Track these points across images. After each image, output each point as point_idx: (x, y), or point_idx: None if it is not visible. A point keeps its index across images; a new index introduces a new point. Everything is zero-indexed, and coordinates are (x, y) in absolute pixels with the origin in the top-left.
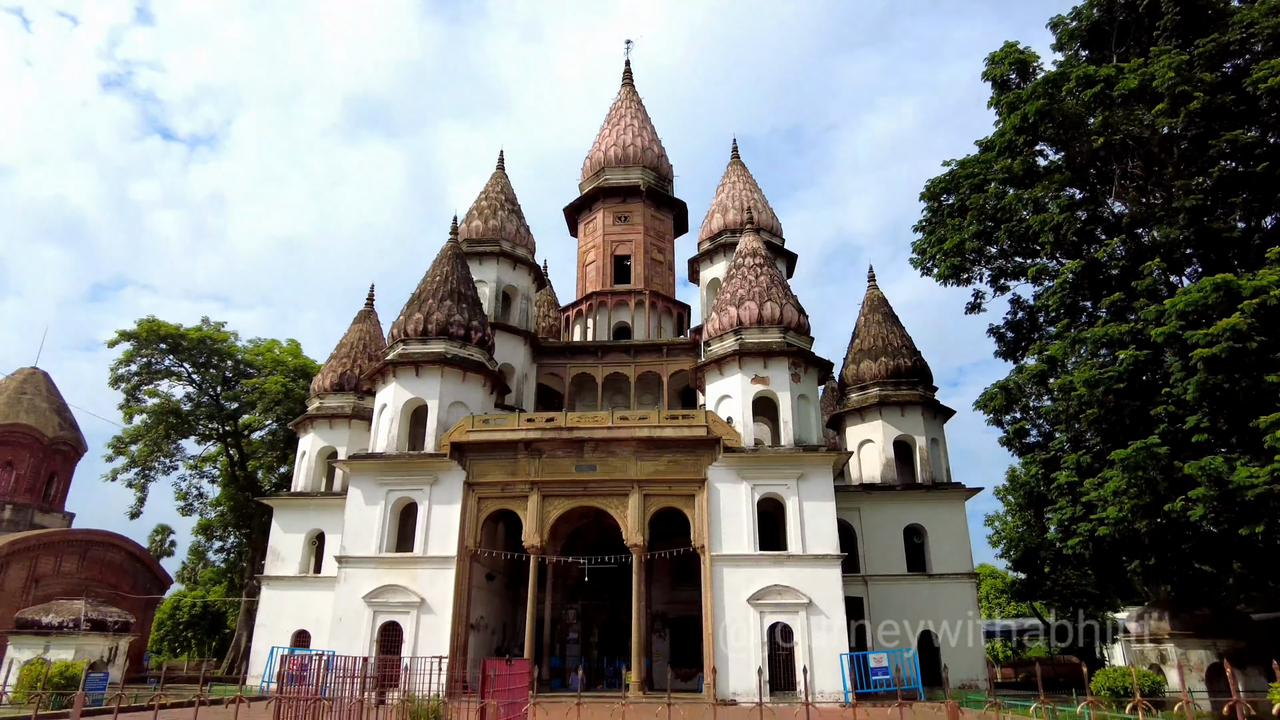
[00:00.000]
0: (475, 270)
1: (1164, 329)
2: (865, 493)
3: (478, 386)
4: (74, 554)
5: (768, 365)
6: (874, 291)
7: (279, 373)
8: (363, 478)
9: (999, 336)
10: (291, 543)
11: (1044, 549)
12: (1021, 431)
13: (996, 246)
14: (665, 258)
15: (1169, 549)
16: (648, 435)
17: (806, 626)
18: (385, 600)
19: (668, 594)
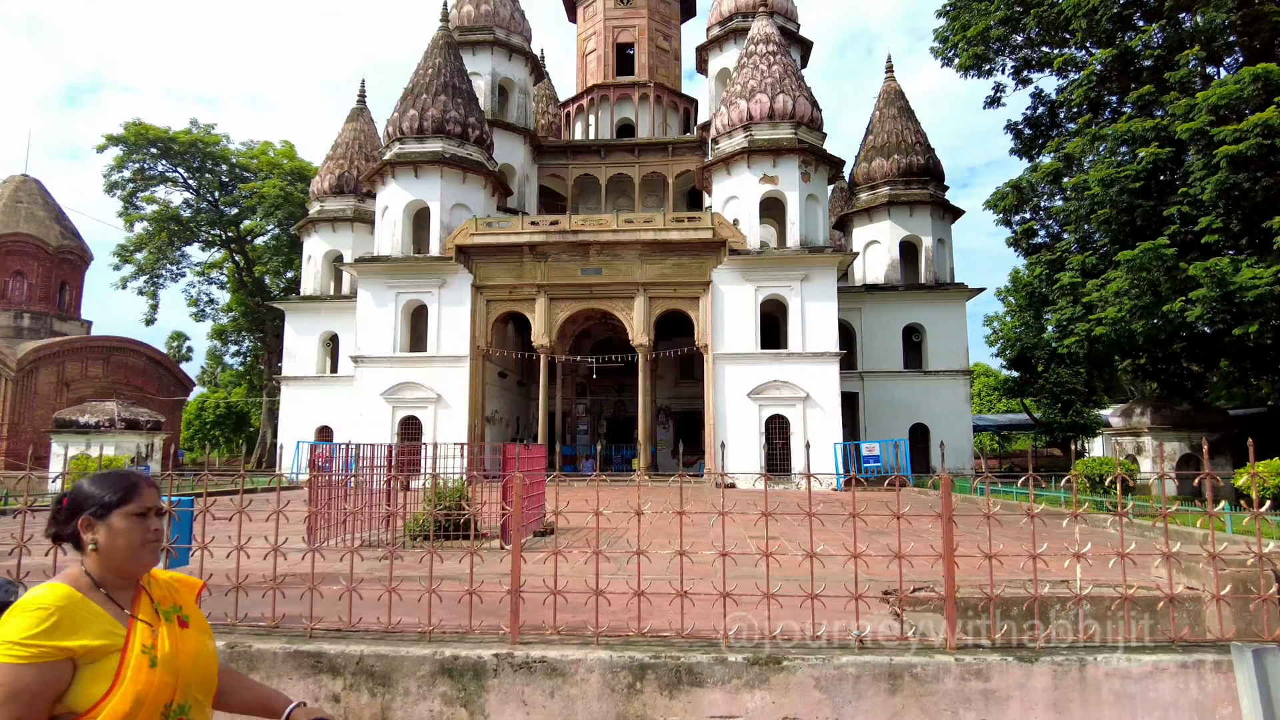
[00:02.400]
0: (469, 62)
1: (1192, 124)
2: (867, 293)
3: (479, 188)
4: (98, 359)
5: (777, 164)
6: (891, 84)
7: (275, 176)
8: (371, 280)
9: (1016, 133)
10: (306, 344)
11: (1039, 349)
12: (1030, 232)
13: (1023, 34)
14: (671, 46)
15: (1161, 349)
16: (653, 238)
17: (803, 418)
18: (403, 396)
19: (671, 389)
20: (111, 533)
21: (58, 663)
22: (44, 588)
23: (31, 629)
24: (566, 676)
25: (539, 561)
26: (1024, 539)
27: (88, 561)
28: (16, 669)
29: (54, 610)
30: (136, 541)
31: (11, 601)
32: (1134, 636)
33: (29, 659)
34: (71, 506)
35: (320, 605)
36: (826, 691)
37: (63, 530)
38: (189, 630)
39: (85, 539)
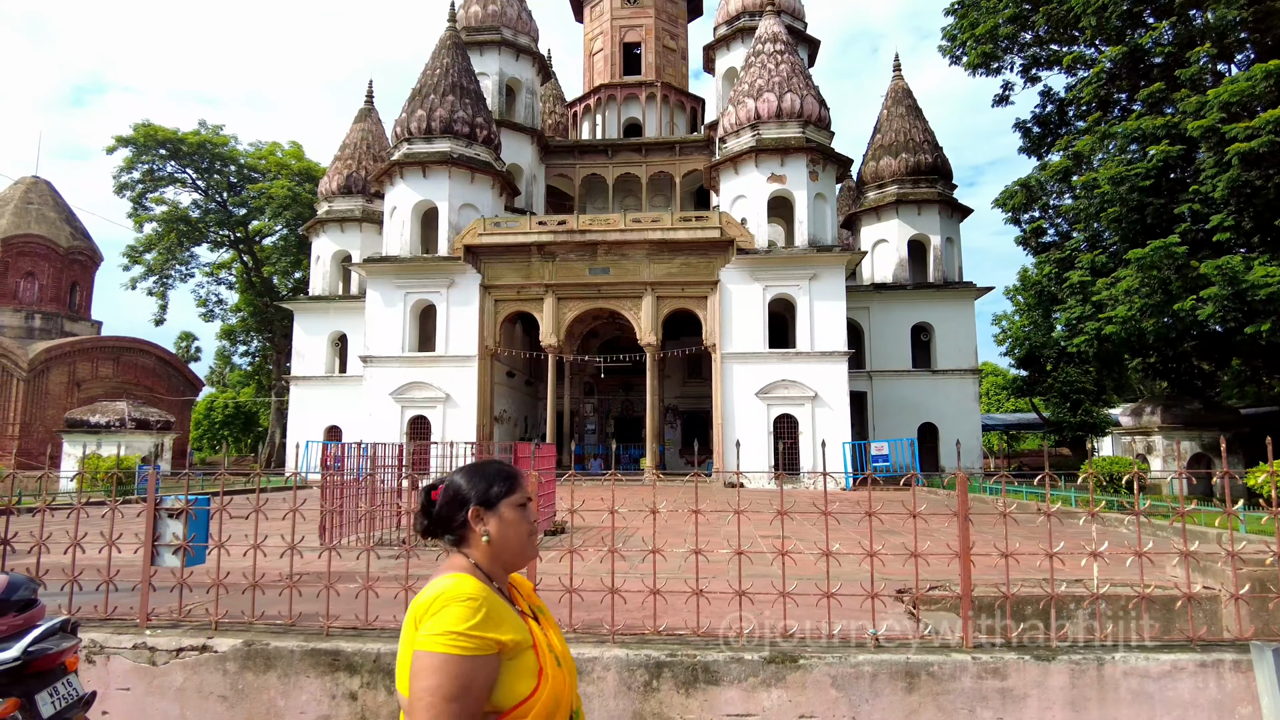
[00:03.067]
0: (476, 62)
1: (1203, 122)
2: (876, 292)
3: (486, 188)
4: (108, 359)
5: (785, 163)
6: (899, 82)
7: (283, 176)
8: (380, 280)
9: (1025, 131)
10: (314, 344)
11: (1048, 347)
12: (1039, 230)
13: (1032, 32)
14: (678, 45)
15: (1172, 347)
16: (660, 238)
17: (811, 418)
18: (411, 396)
19: (679, 389)
20: (503, 524)
21: (493, 656)
22: (454, 578)
23: (470, 619)
24: (583, 675)
25: (552, 560)
26: (1038, 538)
27: (475, 554)
28: (464, 660)
29: (481, 601)
30: (525, 532)
31: (36, 599)
32: (1151, 636)
33: (473, 650)
34: (455, 498)
35: (336, 603)
36: (843, 690)
37: (449, 522)
38: (552, 629)
39: (477, 530)
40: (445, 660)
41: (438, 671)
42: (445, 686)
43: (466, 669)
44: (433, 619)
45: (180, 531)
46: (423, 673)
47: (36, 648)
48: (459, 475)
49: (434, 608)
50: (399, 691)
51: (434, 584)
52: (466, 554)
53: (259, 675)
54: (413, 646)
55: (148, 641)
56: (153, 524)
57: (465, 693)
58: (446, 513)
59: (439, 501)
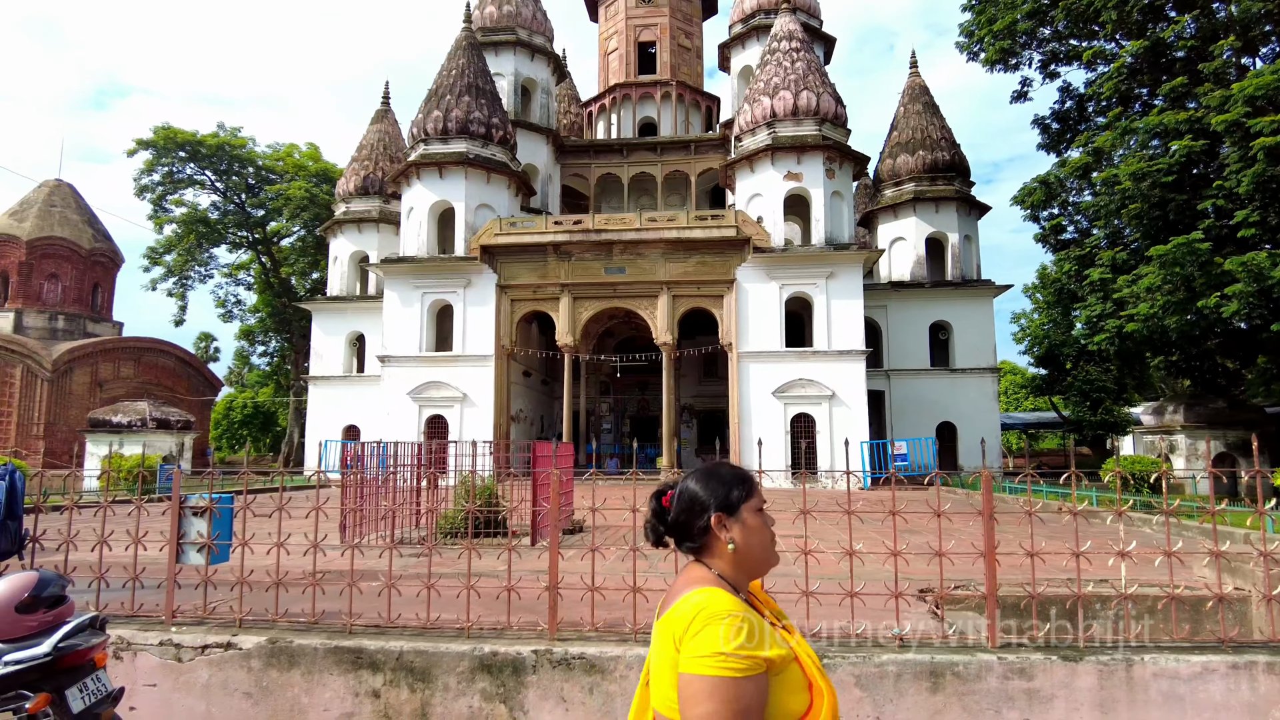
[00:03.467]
0: (491, 62)
1: (1227, 116)
2: (893, 290)
3: (503, 188)
4: (130, 359)
5: (801, 161)
6: (915, 79)
7: (301, 178)
8: (397, 280)
9: (1044, 128)
10: (332, 344)
11: (1068, 345)
12: (1058, 228)
13: (1051, 27)
14: (693, 43)
15: (1195, 345)
16: (676, 237)
17: (829, 417)
18: (429, 395)
19: (695, 388)
20: (746, 530)
21: (762, 675)
22: (708, 593)
23: (735, 638)
24: (605, 673)
25: (572, 559)
26: (1062, 537)
27: (718, 563)
28: (737, 683)
29: (741, 617)
30: (768, 538)
31: (65, 596)
32: (1181, 637)
33: (744, 671)
34: (694, 504)
35: (359, 602)
36: (867, 690)
37: (688, 529)
38: (797, 635)
39: (721, 538)
40: (718, 684)
41: (711, 697)
42: (722, 712)
43: (740, 692)
44: (695, 640)
45: (204, 530)
46: (695, 698)
47: (66, 644)
48: (692, 480)
49: (694, 626)
50: (656, 708)
51: (687, 599)
52: (708, 563)
53: (283, 673)
54: (673, 666)
55: (173, 638)
56: (177, 522)
57: (743, 716)
58: (685, 520)
59: (675, 508)
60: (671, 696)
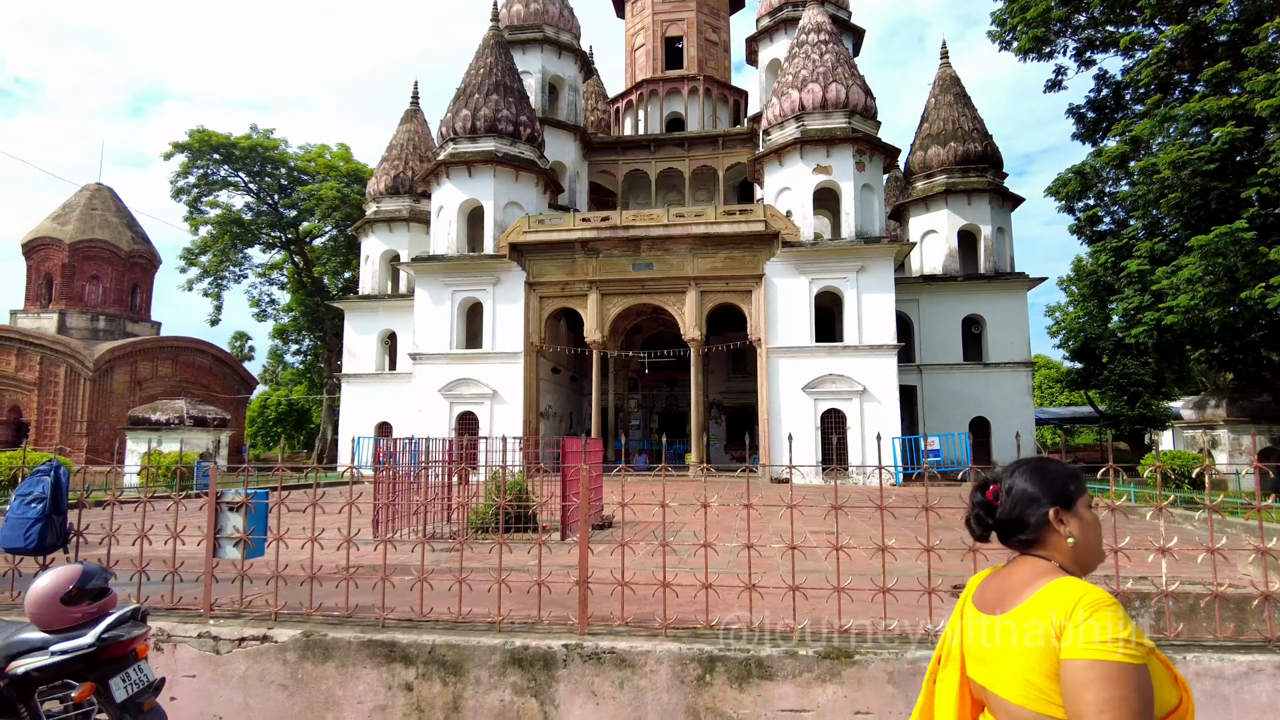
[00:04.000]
0: (519, 60)
1: (1272, 101)
2: (925, 284)
3: (531, 186)
4: (167, 359)
5: (830, 153)
6: (946, 69)
7: (332, 178)
8: (428, 279)
9: (1079, 117)
10: (365, 343)
11: (1104, 339)
12: (1094, 219)
13: (1086, 14)
14: (720, 38)
15: (1238, 337)
16: (704, 232)
17: (860, 412)
18: (459, 393)
19: (723, 384)
20: (1083, 524)
21: (1146, 665)
22: (1073, 582)
23: (1127, 625)
24: (636, 668)
25: (602, 554)
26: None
27: (1057, 557)
28: (1140, 670)
29: (1119, 605)
30: (1100, 534)
31: (108, 588)
32: (1225, 636)
33: (1141, 658)
34: (1027, 498)
35: (391, 595)
36: (899, 686)
37: (1021, 524)
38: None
39: (1061, 532)
40: (1123, 670)
41: (1116, 683)
42: (1129, 698)
43: (1143, 678)
44: (1086, 627)
45: (240, 524)
46: (1097, 683)
47: (109, 634)
48: (1022, 476)
49: (1080, 614)
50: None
51: (1056, 589)
52: (1045, 556)
53: (317, 665)
54: (1045, 655)
55: (211, 631)
56: (214, 517)
57: (1147, 705)
58: (1019, 514)
59: (1006, 503)
60: (1042, 686)
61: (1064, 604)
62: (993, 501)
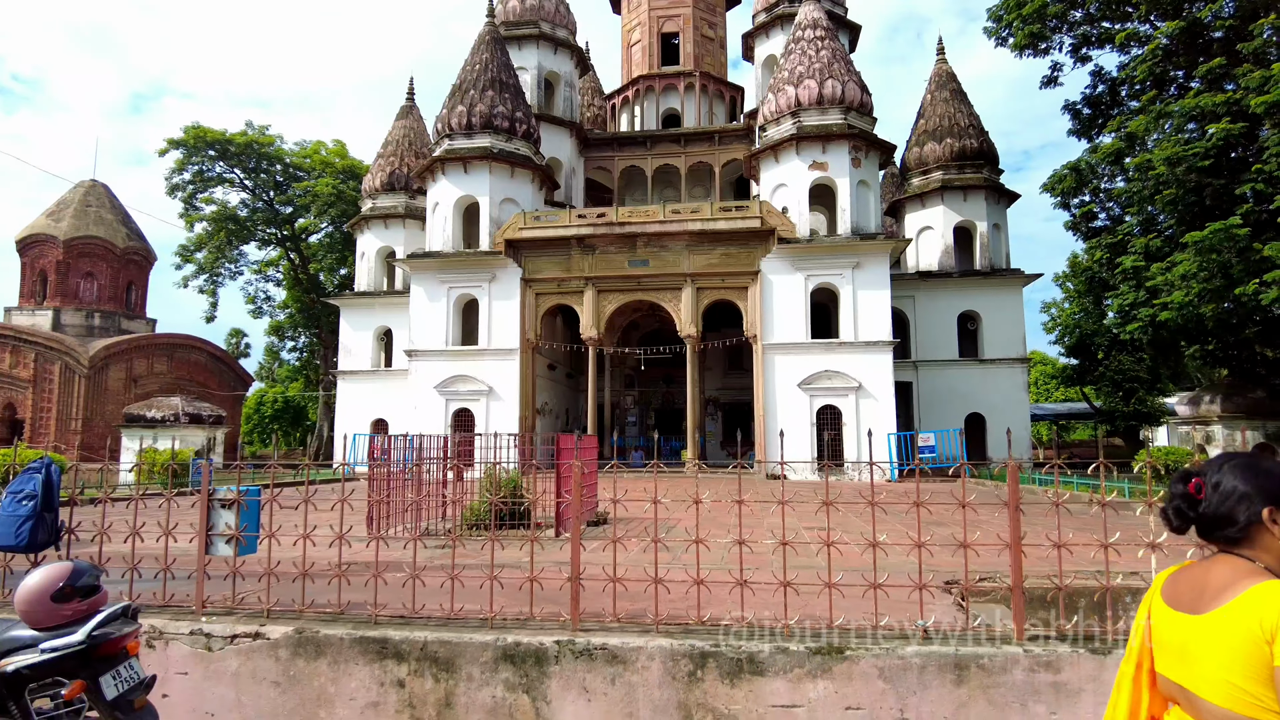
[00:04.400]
0: (515, 56)
1: (1267, 97)
2: (921, 280)
3: (527, 182)
4: (163, 356)
5: (827, 150)
6: (942, 66)
7: (328, 174)
8: (423, 276)
9: (1075, 113)
10: (361, 339)
11: (1100, 335)
12: (1090, 215)
13: (1082, 10)
14: (717, 33)
15: (1233, 333)
16: (700, 228)
17: (855, 409)
18: (455, 389)
19: (719, 380)
20: None
21: None
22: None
23: None
24: (627, 664)
25: (594, 550)
26: (1091, 529)
27: (1264, 557)
28: None
29: None
30: None
31: (99, 585)
32: None
33: None
34: (1237, 495)
35: (384, 592)
36: (890, 682)
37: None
38: None
39: (1275, 533)
40: None
41: None
42: None
43: None
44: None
45: (233, 522)
46: None
47: (100, 632)
48: (1230, 473)
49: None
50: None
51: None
52: (1249, 556)
53: (310, 662)
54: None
55: (203, 628)
56: (206, 514)
57: None
58: (1226, 511)
59: (1212, 498)
60: (1247, 689)
61: (1274, 610)
62: (1195, 495)
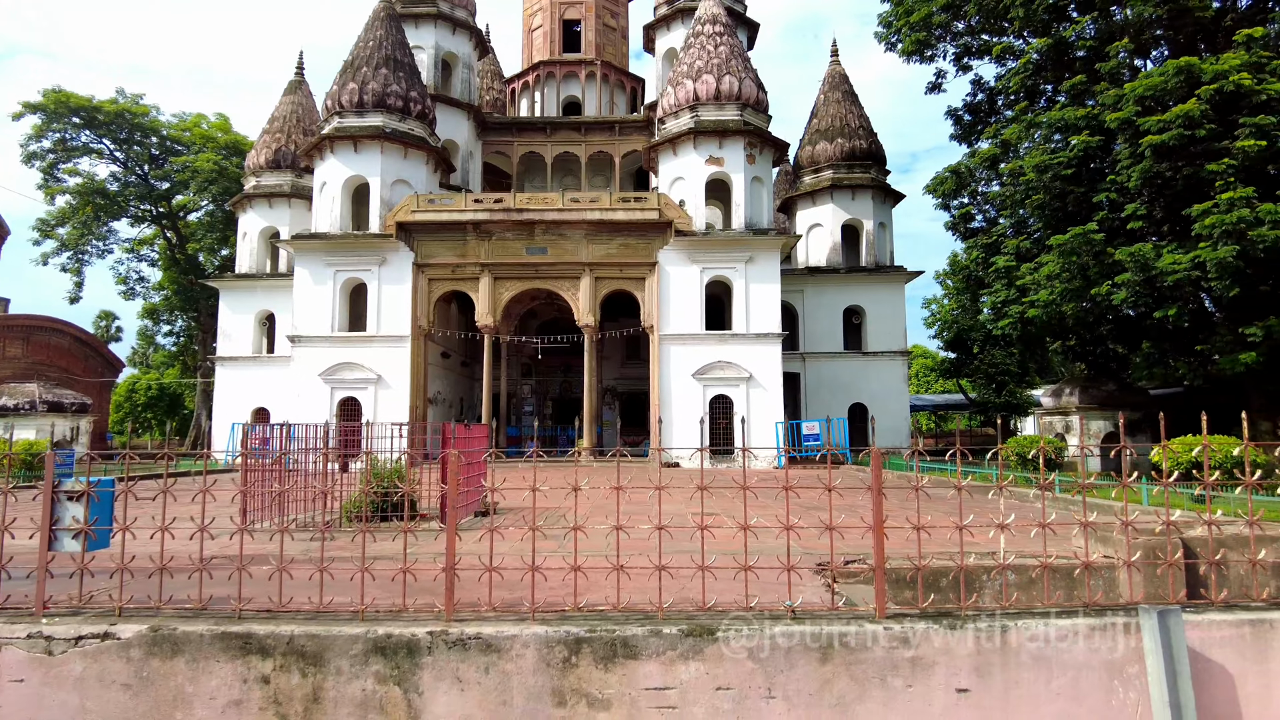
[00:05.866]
0: (411, 35)
1: (1119, 114)
2: (810, 275)
3: (421, 164)
4: (17, 339)
5: (723, 145)
6: (836, 67)
7: (210, 149)
8: (309, 258)
9: (956, 119)
10: (241, 324)
11: (975, 330)
12: (967, 216)
13: (964, 21)
14: (619, 23)
15: (1089, 330)
16: (599, 218)
17: (746, 398)
18: (341, 377)
19: (617, 370)
20: None
21: None
22: None
23: None
24: (502, 652)
25: (476, 540)
26: (953, 512)
27: None
28: None
29: None
30: None
31: None
32: (1052, 603)
33: None
34: None
35: (250, 586)
36: (759, 661)
37: None
38: None
39: None
40: None
41: None
42: None
43: None
44: None
45: (81, 515)
46: None
47: None
48: None
49: None
50: None
51: None
52: None
53: (166, 661)
54: None
55: (44, 630)
56: (50, 507)
57: None
58: None
59: None
60: None
61: None
62: None
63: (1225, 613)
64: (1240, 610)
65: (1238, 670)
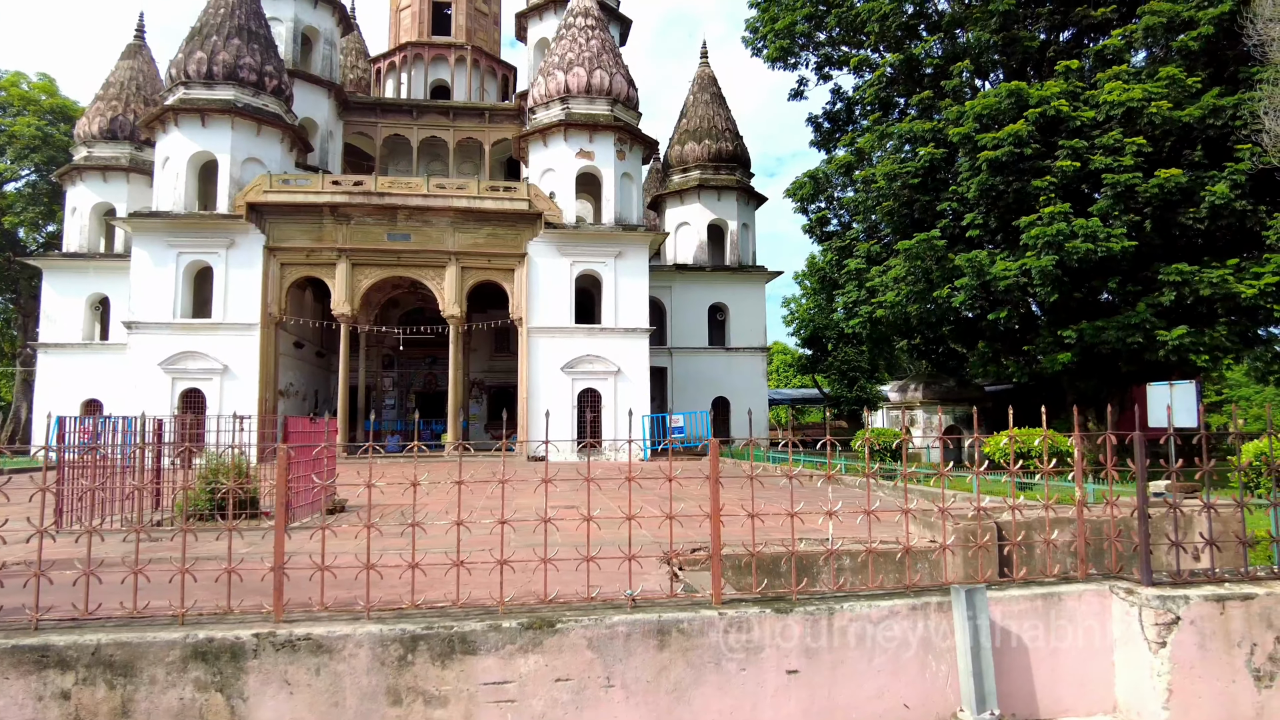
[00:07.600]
0: (268, 6)
1: (961, 129)
2: (677, 272)
3: (275, 142)
4: None
5: (594, 139)
6: (705, 69)
7: (31, 113)
8: (148, 238)
9: (816, 126)
10: (69, 307)
11: (830, 329)
12: (824, 220)
13: (826, 32)
14: (491, 9)
15: (932, 331)
16: (466, 206)
17: (614, 391)
18: (184, 367)
19: (485, 363)
20: None
21: None
22: None
23: None
24: (334, 653)
25: (302, 539)
26: (786, 500)
27: None
28: None
29: None
30: None
31: None
32: (878, 585)
33: None
34: None
35: (53, 594)
36: (598, 651)
37: None
38: None
39: None
40: None
41: None
42: None
43: None
44: None
45: None
46: None
47: None
48: None
49: None
50: None
51: None
52: None
53: None
54: None
55: None
56: None
57: None
58: None
59: None
60: None
61: None
62: None
63: (1023, 589)
64: (1035, 585)
65: (1031, 638)
